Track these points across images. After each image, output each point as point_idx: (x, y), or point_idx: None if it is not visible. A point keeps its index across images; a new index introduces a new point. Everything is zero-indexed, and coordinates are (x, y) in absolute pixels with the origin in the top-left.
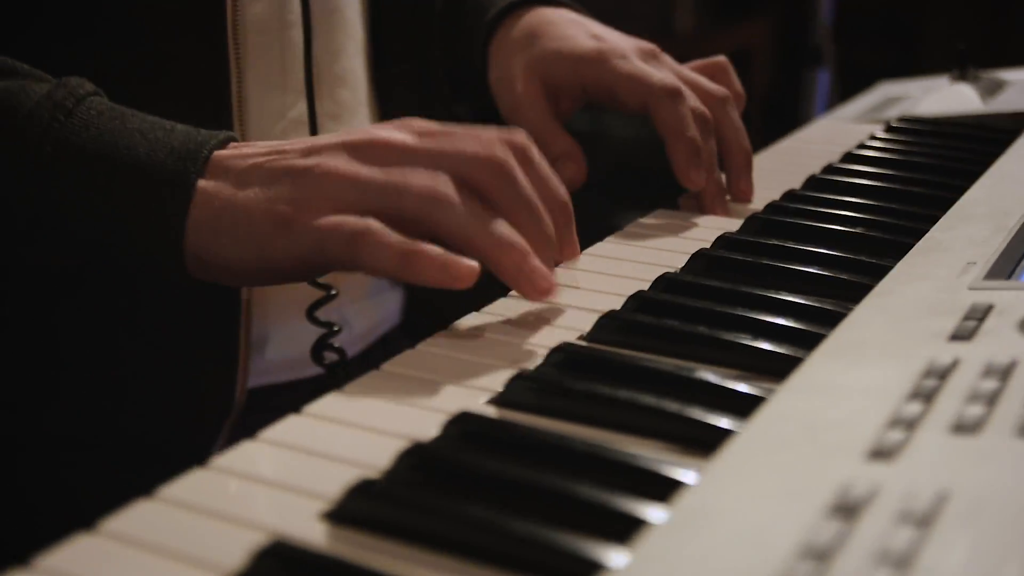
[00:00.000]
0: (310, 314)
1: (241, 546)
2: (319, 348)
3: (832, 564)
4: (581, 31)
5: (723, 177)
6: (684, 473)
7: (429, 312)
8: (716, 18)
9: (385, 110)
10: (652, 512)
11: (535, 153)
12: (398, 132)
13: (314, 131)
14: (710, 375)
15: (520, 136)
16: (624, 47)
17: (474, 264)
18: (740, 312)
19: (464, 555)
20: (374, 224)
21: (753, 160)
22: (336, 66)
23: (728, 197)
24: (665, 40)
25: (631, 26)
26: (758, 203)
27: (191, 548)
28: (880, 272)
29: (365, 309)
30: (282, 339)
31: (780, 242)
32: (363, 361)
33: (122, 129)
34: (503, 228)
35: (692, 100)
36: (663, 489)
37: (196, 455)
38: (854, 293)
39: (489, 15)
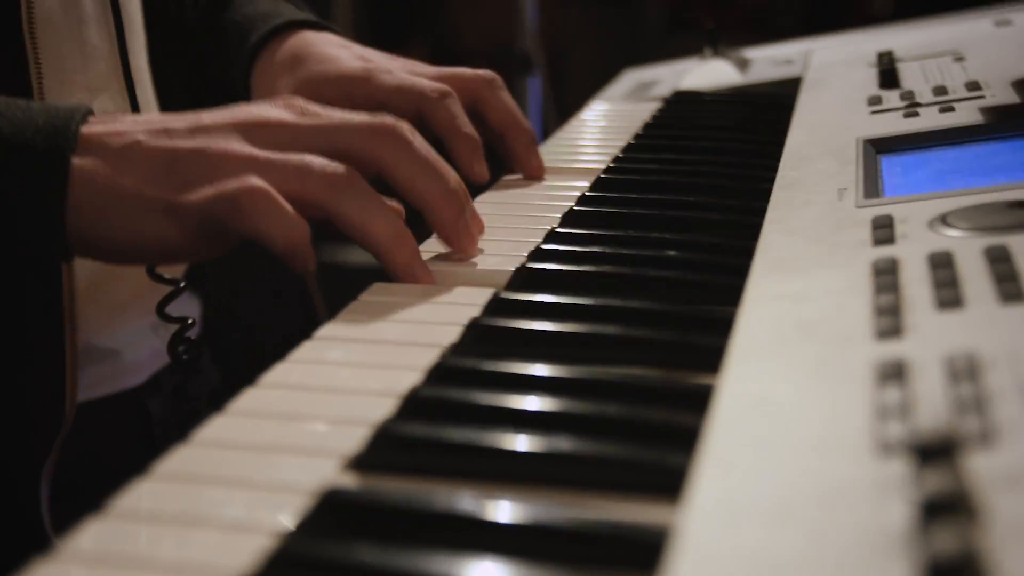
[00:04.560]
0: (160, 310)
1: None
2: (175, 343)
3: (917, 417)
4: (346, 53)
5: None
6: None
7: (226, 315)
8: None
9: (168, 109)
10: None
11: (419, 136)
12: (283, 111)
13: None
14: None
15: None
16: (389, 64)
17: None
18: (648, 252)
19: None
20: (261, 183)
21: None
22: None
23: (521, 175)
24: None
25: None
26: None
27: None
28: (753, 210)
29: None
30: (110, 349)
31: (639, 195)
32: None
33: None
34: (399, 224)
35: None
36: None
37: (28, 473)
38: (740, 231)
39: (251, 40)
